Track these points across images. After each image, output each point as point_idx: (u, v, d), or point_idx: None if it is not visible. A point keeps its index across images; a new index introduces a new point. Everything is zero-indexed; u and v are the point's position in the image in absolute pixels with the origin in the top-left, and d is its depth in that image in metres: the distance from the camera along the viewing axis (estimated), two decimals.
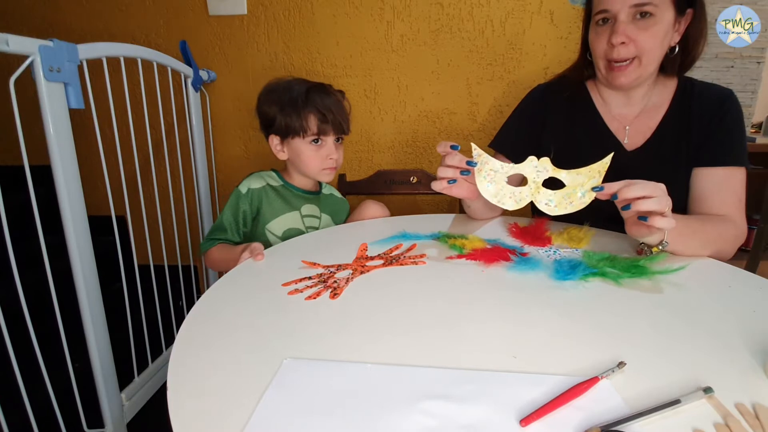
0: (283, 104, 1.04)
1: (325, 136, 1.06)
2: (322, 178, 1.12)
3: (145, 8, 1.68)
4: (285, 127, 1.05)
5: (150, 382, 1.43)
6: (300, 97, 1.03)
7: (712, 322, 0.61)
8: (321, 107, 1.03)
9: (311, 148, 1.06)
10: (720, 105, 0.96)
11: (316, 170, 1.09)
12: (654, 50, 0.92)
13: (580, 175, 0.77)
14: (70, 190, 1.05)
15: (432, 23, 1.57)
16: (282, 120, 1.04)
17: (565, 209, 0.78)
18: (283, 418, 0.43)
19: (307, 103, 1.02)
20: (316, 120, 1.03)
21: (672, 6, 0.89)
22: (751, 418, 0.43)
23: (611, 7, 0.90)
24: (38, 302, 1.03)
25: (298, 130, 1.04)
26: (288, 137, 1.06)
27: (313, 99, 1.03)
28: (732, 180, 0.94)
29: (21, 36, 0.91)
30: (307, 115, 1.03)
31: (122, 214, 1.28)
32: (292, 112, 1.03)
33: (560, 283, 0.74)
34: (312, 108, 1.03)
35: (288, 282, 0.75)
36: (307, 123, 1.03)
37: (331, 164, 1.08)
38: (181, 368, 0.52)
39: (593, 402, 0.45)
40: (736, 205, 0.94)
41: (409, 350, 0.55)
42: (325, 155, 1.07)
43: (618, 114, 1.04)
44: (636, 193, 0.71)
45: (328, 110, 1.03)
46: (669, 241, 0.78)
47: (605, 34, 0.93)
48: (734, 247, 0.92)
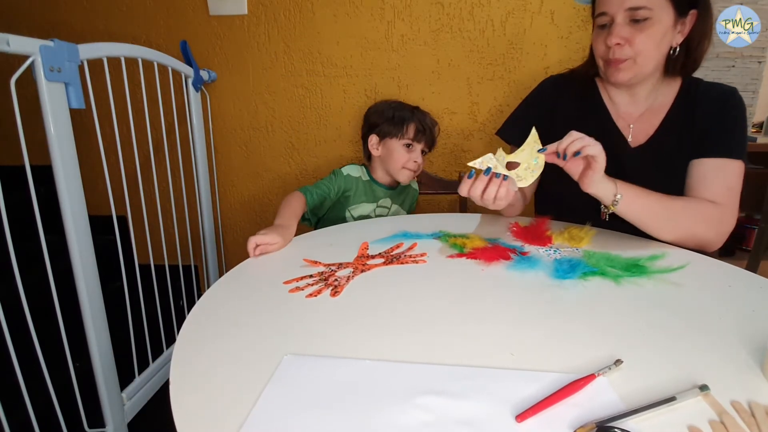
0: (392, 114, 1.33)
1: (417, 144, 1.32)
2: (401, 176, 1.35)
3: (146, 8, 1.68)
4: (387, 130, 1.32)
5: (151, 381, 1.44)
6: (407, 111, 1.34)
7: (711, 321, 0.61)
8: (422, 121, 1.33)
9: (402, 150, 1.31)
10: (723, 101, 0.97)
11: (398, 168, 1.32)
12: (649, 51, 0.93)
13: (524, 151, 0.87)
14: (70, 190, 1.05)
15: (432, 23, 1.58)
16: (386, 124, 1.32)
17: (532, 178, 0.86)
18: (282, 413, 0.43)
19: (412, 116, 1.33)
20: (414, 129, 1.31)
21: (671, 8, 0.90)
22: (746, 415, 0.43)
23: (608, 9, 0.92)
24: (39, 302, 1.03)
25: (397, 133, 1.31)
26: (386, 137, 1.33)
27: (417, 115, 1.33)
28: (725, 170, 0.94)
29: (22, 36, 0.91)
30: (409, 124, 1.31)
31: (123, 214, 1.28)
32: (398, 120, 1.31)
33: (560, 282, 0.74)
34: (415, 120, 1.32)
35: (289, 280, 0.75)
36: (407, 129, 1.31)
37: (413, 167, 1.33)
38: (183, 364, 0.52)
39: (589, 399, 0.45)
40: (725, 193, 0.93)
41: (408, 347, 0.55)
42: (412, 158, 1.32)
43: (623, 112, 1.05)
44: (575, 145, 0.81)
45: (426, 125, 1.33)
46: (636, 215, 0.87)
47: (603, 35, 0.95)
48: (717, 233, 0.92)
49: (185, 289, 1.68)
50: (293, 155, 1.77)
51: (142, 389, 1.38)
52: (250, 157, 1.80)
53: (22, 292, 0.97)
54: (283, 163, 1.78)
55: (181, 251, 1.62)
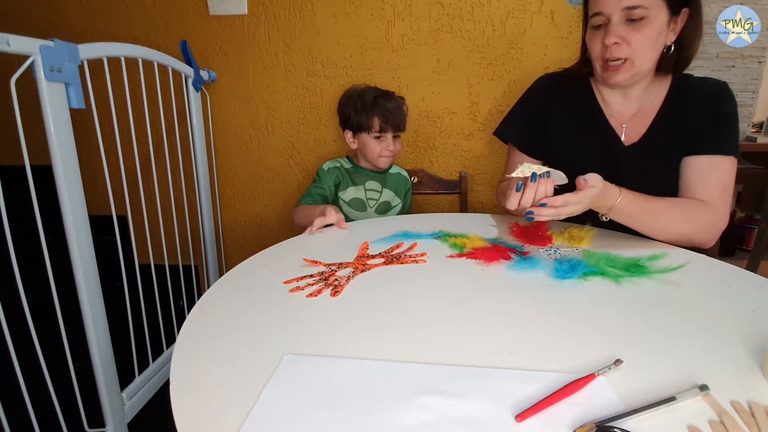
0: (357, 108, 1.35)
1: (385, 133, 1.35)
2: (380, 164, 1.41)
3: (146, 8, 1.68)
4: (357, 125, 1.35)
5: (151, 381, 1.44)
6: (369, 103, 1.34)
7: (711, 321, 0.61)
8: (384, 111, 1.33)
9: (374, 142, 1.36)
10: (713, 96, 0.97)
11: (375, 157, 1.38)
12: (647, 50, 0.93)
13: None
14: (70, 190, 1.05)
15: (432, 23, 1.57)
16: (355, 119, 1.35)
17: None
18: (282, 413, 0.43)
19: (373, 108, 1.33)
20: (379, 121, 1.33)
21: (665, 7, 0.90)
22: (746, 415, 0.43)
23: (604, 9, 0.92)
24: (39, 302, 1.03)
25: (366, 128, 1.34)
26: (359, 132, 1.37)
27: (378, 104, 1.33)
28: (718, 168, 0.95)
29: (22, 36, 0.91)
30: (373, 117, 1.33)
31: (123, 214, 1.28)
32: (363, 114, 1.34)
33: (560, 282, 0.74)
34: (377, 112, 1.33)
35: (289, 280, 0.75)
36: (373, 123, 1.33)
37: (388, 154, 1.38)
38: (183, 364, 0.52)
39: (589, 398, 0.45)
40: (718, 192, 0.94)
41: (408, 347, 0.55)
42: (384, 147, 1.36)
43: (616, 111, 1.06)
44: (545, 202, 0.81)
45: (389, 113, 1.33)
46: (629, 222, 0.89)
47: (600, 35, 0.95)
48: (710, 233, 0.93)
49: (185, 289, 1.67)
50: (293, 155, 1.77)
51: (142, 389, 1.38)
52: (250, 157, 1.80)
53: (22, 292, 0.97)
54: (283, 163, 1.78)
55: (181, 251, 1.62)
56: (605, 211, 0.87)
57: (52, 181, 1.03)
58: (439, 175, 1.67)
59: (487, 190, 1.71)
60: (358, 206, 1.41)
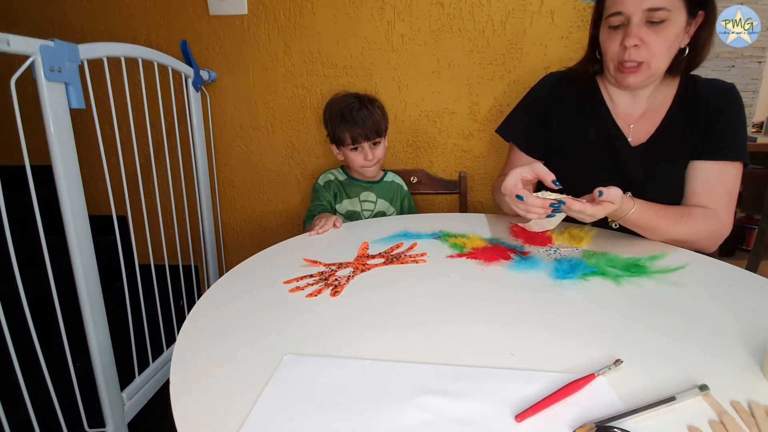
0: (333, 122, 1.35)
1: (359, 144, 1.34)
2: (365, 173, 1.41)
3: (146, 8, 1.68)
4: (334, 139, 1.37)
5: (151, 381, 1.44)
6: (336, 117, 1.34)
7: (711, 321, 0.61)
8: (351, 124, 1.32)
9: (353, 153, 1.36)
10: (720, 98, 0.97)
11: (359, 168, 1.38)
12: (663, 53, 0.92)
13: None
14: (70, 190, 1.05)
15: (432, 23, 1.57)
16: (332, 134, 1.37)
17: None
18: (282, 413, 0.43)
19: (341, 122, 1.33)
20: (349, 136, 1.33)
21: (684, 9, 0.89)
22: (746, 415, 0.43)
23: (625, 9, 0.90)
24: (39, 302, 1.03)
25: (341, 142, 1.35)
26: (339, 146, 1.38)
27: (345, 119, 1.32)
28: (725, 175, 0.95)
29: (22, 36, 0.91)
30: (344, 131, 1.33)
31: (123, 214, 1.28)
32: (337, 129, 1.34)
33: (560, 282, 0.74)
34: (345, 126, 1.33)
35: (289, 279, 0.75)
36: (344, 137, 1.34)
37: (369, 163, 1.37)
38: (183, 364, 0.52)
39: (589, 398, 0.45)
40: (725, 200, 0.94)
41: (407, 347, 0.55)
42: (363, 157, 1.36)
43: (624, 112, 1.05)
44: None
45: (356, 125, 1.32)
46: (641, 231, 0.91)
47: (618, 36, 0.93)
48: (714, 242, 0.94)
49: (185, 289, 1.67)
50: (293, 155, 1.77)
51: (142, 389, 1.38)
52: (250, 157, 1.80)
53: (22, 292, 0.97)
54: (283, 163, 1.78)
55: (181, 251, 1.62)
56: (616, 219, 0.88)
57: (52, 181, 1.03)
58: (439, 175, 1.67)
59: (487, 190, 1.71)
60: (353, 218, 1.41)
